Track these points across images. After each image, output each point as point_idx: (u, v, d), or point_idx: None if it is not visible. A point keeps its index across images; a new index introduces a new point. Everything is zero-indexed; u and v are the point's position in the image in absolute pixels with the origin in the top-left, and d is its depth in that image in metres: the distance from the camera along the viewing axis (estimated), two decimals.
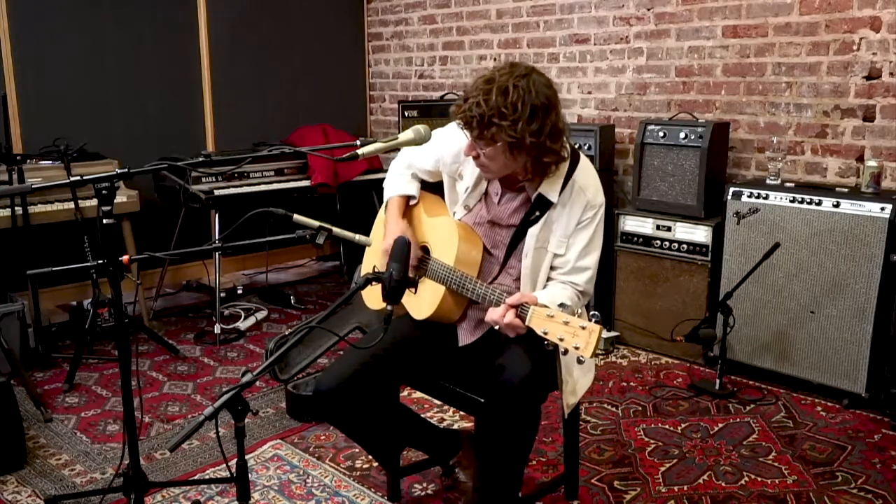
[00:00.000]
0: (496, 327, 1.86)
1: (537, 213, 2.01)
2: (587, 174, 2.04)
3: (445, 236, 2.12)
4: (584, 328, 1.68)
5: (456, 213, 2.18)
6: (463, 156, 2.05)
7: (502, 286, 2.08)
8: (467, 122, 1.87)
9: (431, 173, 2.26)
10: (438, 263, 2.08)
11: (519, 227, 2.04)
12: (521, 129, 1.81)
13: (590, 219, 2.01)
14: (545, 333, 1.74)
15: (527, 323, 1.78)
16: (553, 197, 2.00)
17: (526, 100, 1.81)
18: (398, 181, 2.29)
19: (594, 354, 1.68)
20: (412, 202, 2.29)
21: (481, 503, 2.08)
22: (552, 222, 2.02)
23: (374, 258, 2.30)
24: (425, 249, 2.19)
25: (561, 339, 1.71)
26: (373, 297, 2.32)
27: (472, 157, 1.97)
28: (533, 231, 2.02)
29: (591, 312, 1.77)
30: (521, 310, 1.81)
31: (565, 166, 2.00)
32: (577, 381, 2.09)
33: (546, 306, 1.81)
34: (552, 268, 2.04)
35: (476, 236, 2.11)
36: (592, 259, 2.03)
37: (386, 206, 2.28)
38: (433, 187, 2.32)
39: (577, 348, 1.69)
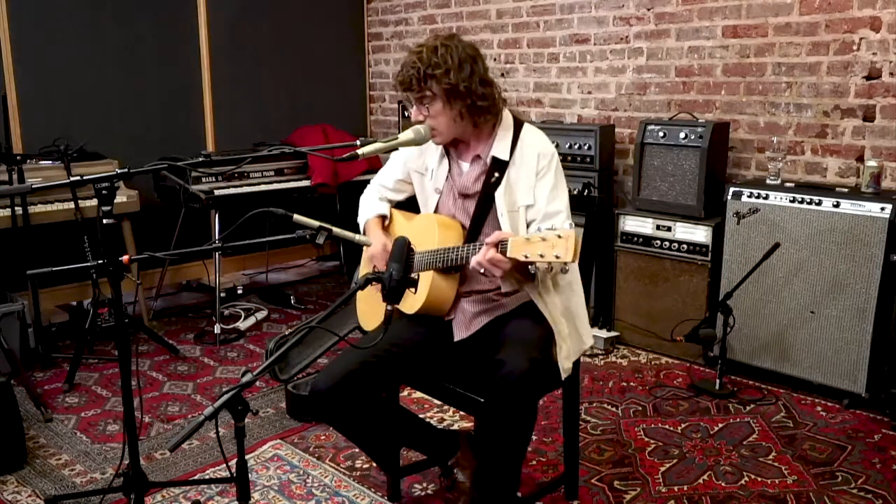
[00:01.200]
0: (481, 271, 1.90)
1: (496, 175, 2.11)
2: (532, 132, 2.17)
3: (425, 229, 2.18)
4: (559, 237, 1.72)
5: (430, 202, 2.26)
6: (424, 147, 2.22)
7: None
8: (406, 84, 2.07)
9: (401, 183, 2.37)
10: (423, 253, 2.12)
11: (483, 192, 2.13)
12: (454, 76, 2.02)
13: (546, 166, 2.11)
14: (526, 257, 1.78)
15: (508, 253, 1.82)
16: (505, 155, 2.12)
17: (453, 53, 2.05)
18: (368, 206, 2.42)
19: (575, 257, 1.71)
20: (387, 222, 2.39)
21: (480, 500, 2.09)
22: (513, 182, 2.11)
23: (367, 269, 2.34)
24: (410, 249, 2.22)
25: (542, 256, 1.75)
26: (368, 318, 2.34)
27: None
28: (499, 193, 2.11)
29: (567, 222, 1.81)
30: (501, 247, 1.85)
31: (510, 130, 2.14)
32: (571, 346, 2.12)
33: (521, 236, 1.86)
34: (528, 225, 2.10)
35: (454, 221, 2.19)
36: (562, 201, 2.11)
37: (365, 231, 2.38)
38: (408, 207, 2.41)
39: (557, 257, 1.72)
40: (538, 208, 2.09)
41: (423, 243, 2.14)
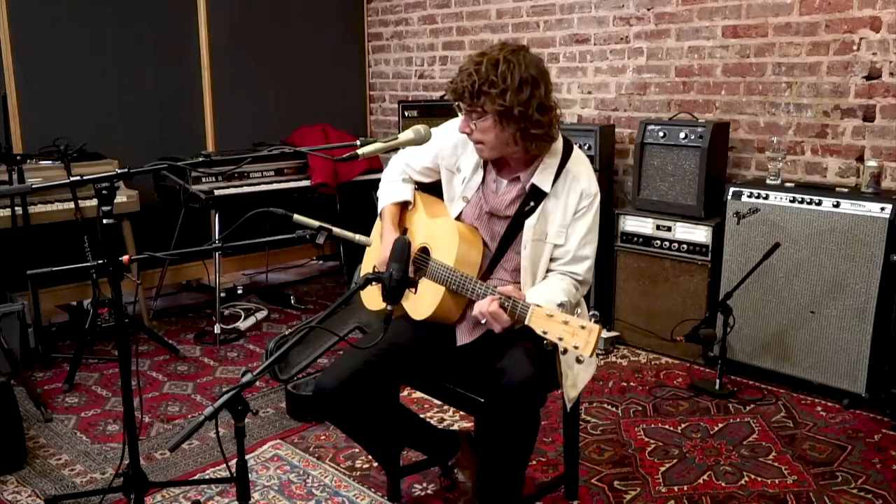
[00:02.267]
0: (483, 321, 1.87)
1: (532, 204, 2.03)
2: (580, 164, 2.07)
3: (446, 237, 2.12)
4: (583, 328, 1.68)
5: (454, 207, 2.18)
6: (461, 147, 2.11)
7: (497, 280, 2.09)
8: (458, 94, 1.94)
9: (429, 170, 2.26)
10: (438, 264, 2.08)
11: (514, 218, 2.06)
12: (510, 98, 1.88)
13: (586, 207, 2.03)
14: (545, 333, 1.74)
15: (527, 322, 1.78)
16: (546, 187, 2.03)
17: (515, 72, 1.89)
18: (391, 189, 2.31)
19: (593, 353, 1.68)
20: (409, 207, 2.30)
21: None
22: (548, 213, 2.04)
23: (374, 262, 2.31)
24: (425, 251, 2.19)
25: (560, 339, 1.71)
26: (371, 298, 2.32)
27: (467, 136, 2.02)
28: (529, 223, 2.03)
29: (591, 312, 1.77)
30: (512, 304, 1.82)
31: (557, 157, 2.04)
32: (578, 374, 2.10)
33: (544, 308, 1.81)
34: (552, 259, 2.05)
35: (476, 237, 2.12)
36: (592, 248, 2.06)
37: (381, 216, 2.30)
38: (432, 190, 2.32)
39: (576, 348, 1.69)
40: (567, 249, 2.03)
41: (440, 251, 2.11)
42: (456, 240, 2.08)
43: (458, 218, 2.18)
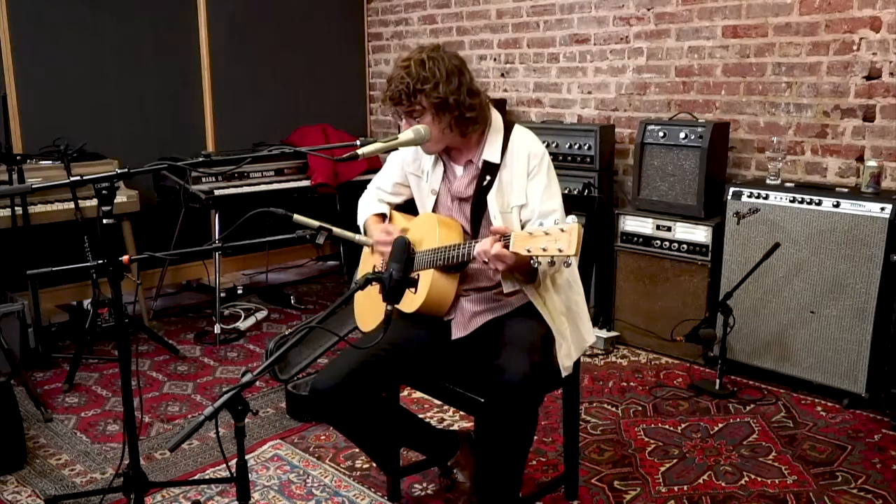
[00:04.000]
0: (485, 260, 1.89)
1: (488, 178, 2.12)
2: (521, 134, 2.17)
3: (426, 229, 2.18)
4: (562, 230, 1.71)
5: (427, 203, 2.26)
6: (419, 152, 2.23)
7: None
8: (396, 99, 2.06)
9: (399, 186, 2.37)
10: (423, 252, 2.12)
11: (476, 196, 2.13)
12: (443, 90, 2.02)
13: (537, 166, 2.11)
14: (528, 251, 1.77)
15: (511, 248, 1.81)
16: (495, 158, 2.12)
17: (441, 66, 2.05)
18: (367, 207, 2.43)
19: (577, 251, 1.70)
20: (386, 221, 2.38)
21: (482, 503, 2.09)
22: (504, 184, 2.12)
23: (368, 264, 2.34)
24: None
25: (544, 249, 1.74)
26: (364, 319, 2.33)
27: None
28: (490, 196, 2.11)
29: (569, 217, 1.79)
30: (504, 240, 1.84)
31: (500, 133, 2.15)
32: (571, 344, 2.12)
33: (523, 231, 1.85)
34: (523, 225, 2.10)
35: (454, 220, 2.19)
36: (556, 200, 2.11)
37: (364, 231, 2.38)
38: (406, 209, 2.41)
39: (560, 251, 1.71)
40: (532, 208, 2.09)
41: (423, 242, 2.14)
42: (435, 225, 2.14)
43: (434, 212, 2.24)
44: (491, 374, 1.95)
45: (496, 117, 2.17)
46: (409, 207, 2.40)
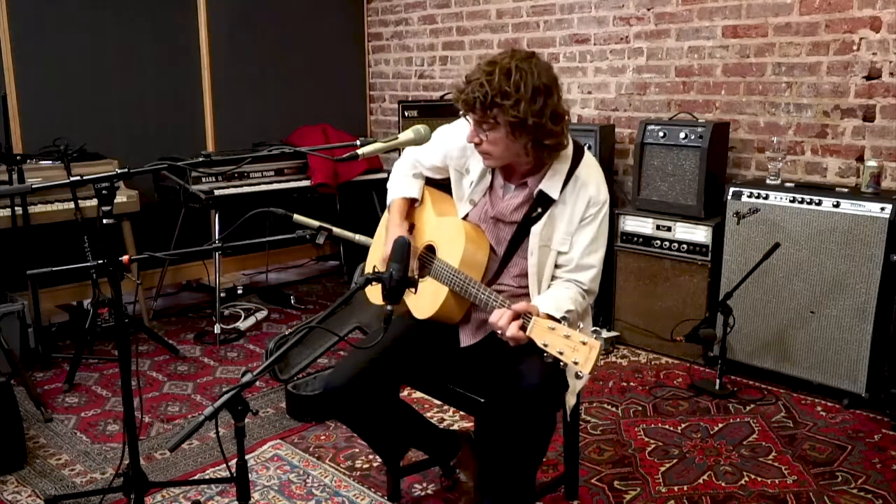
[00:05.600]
0: (498, 333, 1.83)
1: (539, 210, 2.00)
2: (590, 170, 2.03)
3: (452, 237, 2.10)
4: (584, 343, 1.66)
5: (461, 208, 2.16)
6: (470, 149, 2.05)
7: (503, 285, 2.07)
8: (469, 105, 1.87)
9: (438, 169, 2.24)
10: (443, 264, 2.07)
11: (521, 223, 2.03)
12: (524, 109, 1.82)
13: (593, 215, 1.99)
14: (545, 346, 1.72)
15: (528, 333, 1.76)
16: (554, 193, 1.99)
17: (528, 81, 1.83)
18: (400, 183, 2.28)
19: (593, 371, 1.66)
20: (416, 204, 2.29)
21: None
22: (555, 219, 2.00)
23: (376, 258, 2.30)
24: (431, 249, 2.19)
25: (560, 353, 1.69)
26: (374, 290, 2.31)
27: (474, 145, 1.97)
28: (536, 229, 2.00)
29: (593, 328, 1.74)
30: (524, 319, 1.78)
31: (567, 163, 2.00)
32: (576, 383, 2.10)
33: (549, 316, 1.79)
34: (556, 266, 2.02)
35: (483, 238, 2.09)
36: (597, 257, 2.01)
37: (389, 208, 2.28)
38: (443, 186, 2.30)
39: (576, 363, 1.66)
40: (571, 257, 1.99)
41: (445, 251, 2.09)
42: (462, 240, 2.05)
43: (464, 219, 2.15)
44: (510, 379, 1.90)
45: (569, 144, 2.01)
46: (446, 186, 2.26)
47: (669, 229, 3.57)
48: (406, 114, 4.50)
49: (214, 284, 3.98)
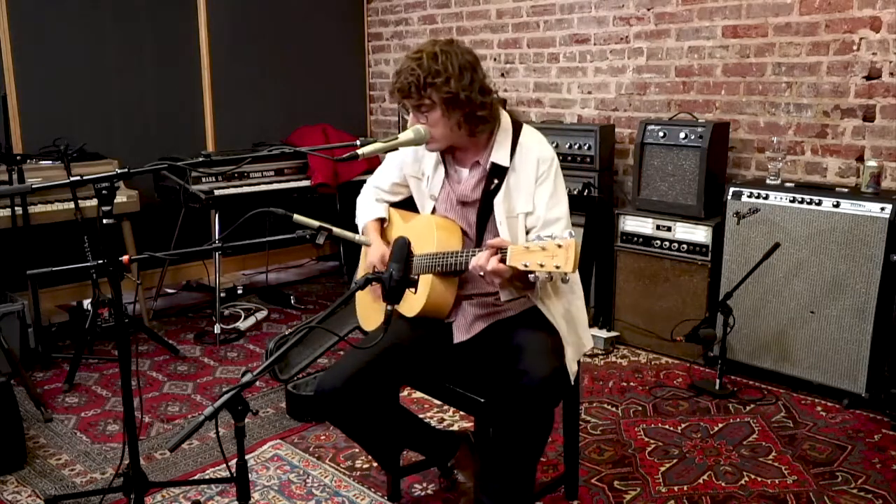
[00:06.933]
0: (481, 273, 1.87)
1: (496, 181, 2.08)
2: (531, 136, 2.13)
3: (424, 232, 2.15)
4: (559, 246, 1.71)
5: (426, 208, 2.23)
6: (420, 152, 2.18)
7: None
8: (405, 91, 2.00)
9: (397, 186, 2.34)
10: (422, 256, 2.10)
11: (482, 199, 2.10)
12: (455, 85, 1.97)
13: (545, 171, 2.07)
14: (525, 266, 1.76)
15: (508, 262, 1.80)
16: (504, 161, 2.08)
17: (454, 60, 1.99)
18: (365, 208, 2.39)
19: (574, 268, 1.70)
20: (385, 224, 2.36)
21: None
22: (511, 188, 2.08)
23: (365, 268, 2.34)
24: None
25: (542, 265, 1.73)
26: (367, 318, 2.33)
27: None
28: (497, 200, 2.08)
29: (566, 231, 1.79)
30: (500, 254, 1.83)
31: (509, 134, 2.10)
32: (570, 353, 2.10)
33: (519, 245, 1.84)
34: (527, 231, 2.08)
35: (453, 224, 2.16)
36: (561, 209, 2.08)
37: (363, 233, 2.35)
38: (405, 206, 2.38)
39: (557, 267, 1.71)
40: (537, 215, 2.06)
41: (421, 246, 2.13)
42: (434, 229, 2.11)
43: (434, 214, 2.21)
44: (511, 377, 1.93)
45: (505, 117, 2.13)
46: (409, 204, 2.38)
47: (669, 229, 3.57)
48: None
49: (214, 284, 3.99)
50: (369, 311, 2.34)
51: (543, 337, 2.03)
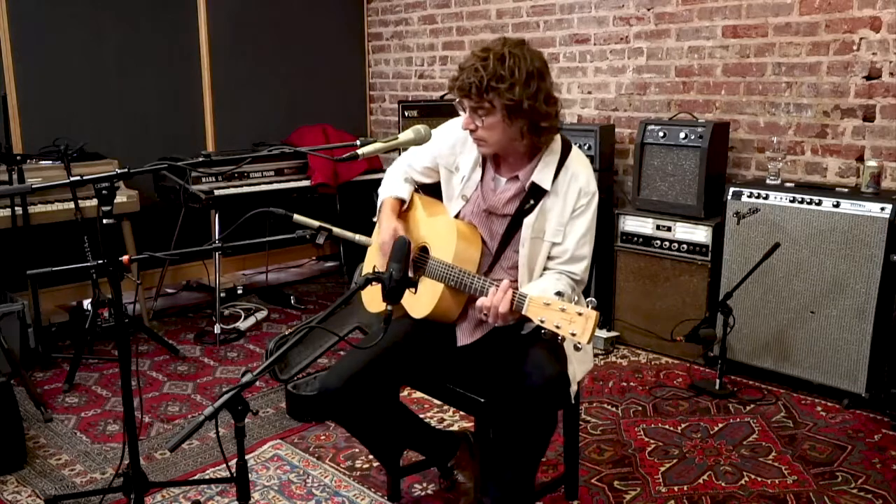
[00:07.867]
0: (482, 314, 1.85)
1: (531, 202, 2.02)
2: (579, 162, 2.06)
3: (444, 235, 2.12)
4: (580, 314, 1.68)
5: (453, 206, 2.18)
6: (459, 146, 2.10)
7: (497, 278, 2.08)
8: (465, 91, 1.90)
9: (429, 170, 2.26)
10: (437, 262, 2.08)
11: (514, 216, 2.05)
12: (519, 92, 1.87)
13: (584, 206, 2.02)
14: (542, 322, 1.74)
15: (524, 312, 1.78)
16: (546, 184, 2.02)
17: (522, 65, 1.88)
18: (391, 184, 2.31)
19: (591, 340, 1.68)
20: (404, 207, 2.30)
21: None
22: (547, 211, 2.03)
23: (374, 258, 2.30)
24: (424, 249, 2.19)
25: (558, 327, 1.71)
26: (372, 299, 2.32)
27: (469, 132, 2.00)
28: (528, 221, 2.02)
29: (588, 298, 1.77)
30: (516, 302, 1.80)
31: (557, 155, 2.03)
32: (577, 368, 2.10)
33: (541, 296, 1.81)
34: (549, 258, 2.04)
35: (475, 234, 2.11)
36: (589, 248, 2.04)
37: (380, 208, 2.30)
38: (433, 192, 2.31)
39: (573, 335, 1.68)
40: (566, 248, 2.01)
41: (438, 249, 2.10)
42: (454, 237, 2.07)
43: (457, 216, 2.17)
44: (515, 379, 1.92)
45: (556, 137, 2.04)
46: (436, 191, 2.29)
47: (669, 229, 3.57)
48: (406, 114, 4.50)
49: (214, 284, 3.99)
50: (374, 292, 2.28)
51: (547, 341, 2.02)
